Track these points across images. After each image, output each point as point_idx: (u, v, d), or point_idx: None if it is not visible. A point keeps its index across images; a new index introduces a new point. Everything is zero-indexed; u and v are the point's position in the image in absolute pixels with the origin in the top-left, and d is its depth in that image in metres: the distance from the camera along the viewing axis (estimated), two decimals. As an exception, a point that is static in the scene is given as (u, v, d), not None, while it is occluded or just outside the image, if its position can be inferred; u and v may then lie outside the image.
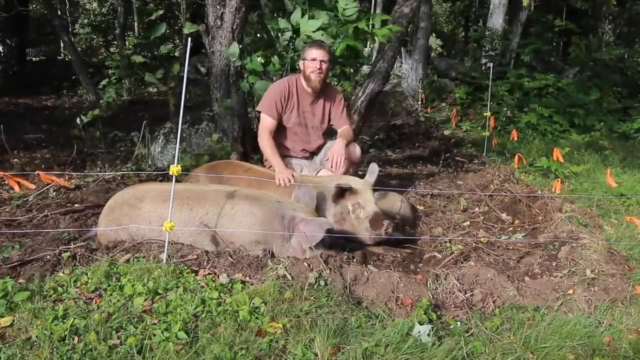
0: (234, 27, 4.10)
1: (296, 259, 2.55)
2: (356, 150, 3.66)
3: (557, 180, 4.27)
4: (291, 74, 3.71)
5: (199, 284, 2.31)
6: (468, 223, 3.60)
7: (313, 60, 3.38)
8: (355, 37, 3.85)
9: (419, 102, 9.21)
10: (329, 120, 3.63)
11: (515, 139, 6.25)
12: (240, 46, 3.96)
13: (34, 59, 15.35)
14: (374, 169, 3.25)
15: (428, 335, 2.09)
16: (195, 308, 2.14)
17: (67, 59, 12.69)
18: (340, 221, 3.05)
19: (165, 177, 3.76)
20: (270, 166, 3.63)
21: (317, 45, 3.44)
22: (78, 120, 4.64)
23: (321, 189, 3.06)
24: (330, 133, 3.76)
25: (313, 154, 3.69)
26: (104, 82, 8.53)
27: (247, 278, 2.42)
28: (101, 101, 8.18)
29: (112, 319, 2.05)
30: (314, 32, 3.77)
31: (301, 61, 3.47)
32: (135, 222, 2.70)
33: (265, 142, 3.42)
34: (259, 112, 3.56)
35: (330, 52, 3.52)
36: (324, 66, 3.40)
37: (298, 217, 2.69)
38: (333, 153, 3.37)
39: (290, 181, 3.13)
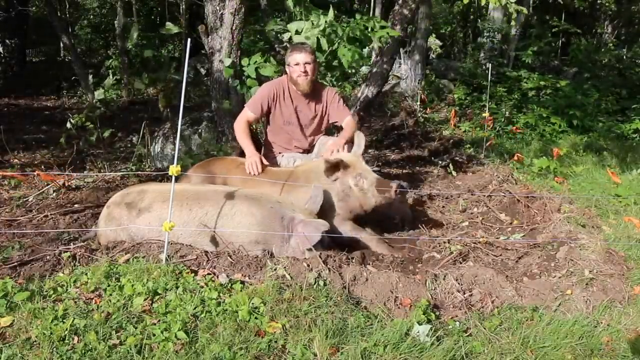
0: (233, 28, 4.11)
1: (295, 259, 2.56)
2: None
3: (557, 179, 4.29)
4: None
5: (198, 284, 2.31)
6: (467, 223, 3.61)
7: (297, 64, 3.37)
8: (355, 42, 3.88)
9: (418, 103, 9.22)
10: (326, 118, 3.62)
11: (517, 130, 6.25)
12: (238, 55, 3.96)
13: (34, 59, 15.34)
14: (360, 140, 3.26)
15: (427, 335, 2.10)
16: (195, 308, 2.15)
17: (67, 60, 12.69)
18: (344, 198, 3.07)
19: (165, 178, 3.77)
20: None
21: (297, 48, 3.43)
22: (68, 124, 4.65)
23: (316, 171, 3.09)
24: (331, 132, 3.77)
25: (308, 151, 3.69)
26: (91, 80, 8.50)
27: (247, 278, 2.42)
28: (94, 100, 8.17)
29: (111, 319, 2.06)
30: (308, 39, 3.80)
31: (286, 67, 3.48)
32: (134, 222, 2.70)
33: (240, 127, 3.49)
34: None
35: (313, 51, 3.51)
36: (309, 67, 3.38)
37: (297, 218, 2.70)
38: (331, 146, 3.36)
39: (258, 166, 3.22)
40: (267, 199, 2.80)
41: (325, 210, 3.00)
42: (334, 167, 3.05)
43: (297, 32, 3.86)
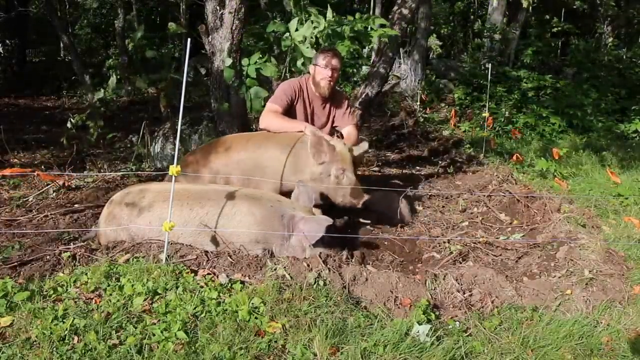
0: (233, 28, 4.10)
1: (295, 259, 2.56)
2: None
3: (557, 179, 4.29)
4: (302, 75, 3.71)
5: (198, 284, 2.32)
6: (467, 223, 3.61)
7: (326, 67, 3.34)
8: (354, 40, 3.88)
9: (418, 103, 9.22)
10: (333, 123, 3.62)
11: (518, 134, 6.29)
12: (238, 55, 3.95)
13: (34, 59, 15.33)
14: (364, 145, 3.35)
15: (427, 335, 2.10)
16: (195, 308, 2.15)
17: (67, 60, 12.69)
18: (316, 180, 3.10)
19: (165, 178, 3.77)
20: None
21: (331, 52, 3.39)
22: (69, 124, 4.65)
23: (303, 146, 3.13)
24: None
25: None
26: (88, 80, 8.50)
27: (247, 278, 2.43)
28: (94, 100, 8.15)
29: (111, 318, 2.06)
30: (300, 42, 3.79)
31: (312, 65, 3.44)
32: (135, 222, 2.70)
33: (274, 117, 3.29)
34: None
35: (342, 60, 3.50)
36: (335, 74, 3.38)
37: (297, 216, 2.70)
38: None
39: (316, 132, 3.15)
40: (267, 198, 2.81)
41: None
42: (319, 143, 3.04)
43: (297, 30, 3.85)
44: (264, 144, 3.21)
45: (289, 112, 3.42)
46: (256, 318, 2.13)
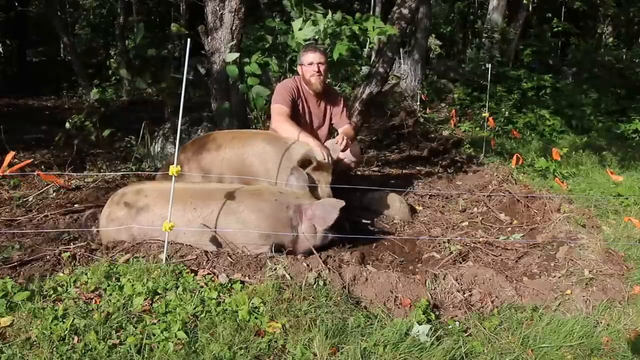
0: (233, 28, 4.10)
1: (295, 259, 2.56)
2: (357, 148, 3.71)
3: (557, 180, 4.29)
4: (294, 75, 3.73)
5: (198, 284, 2.32)
6: (467, 223, 3.61)
7: (310, 64, 3.42)
8: (353, 40, 3.89)
9: (418, 103, 9.22)
10: (330, 121, 3.66)
11: (517, 136, 6.31)
12: (238, 55, 3.95)
13: (34, 59, 15.33)
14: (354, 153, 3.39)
15: (427, 335, 2.10)
16: (195, 308, 2.15)
17: (67, 60, 12.69)
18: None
19: (156, 177, 3.76)
20: None
21: (312, 49, 3.49)
22: (67, 125, 4.65)
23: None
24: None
25: None
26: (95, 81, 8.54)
27: (247, 278, 2.43)
28: (92, 100, 8.13)
29: (111, 318, 2.06)
30: (305, 40, 3.81)
31: (299, 67, 3.52)
32: (136, 221, 2.70)
33: (283, 121, 3.31)
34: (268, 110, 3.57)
35: (326, 53, 3.57)
36: (322, 68, 3.44)
37: (304, 204, 2.72)
38: (338, 138, 3.40)
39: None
40: (269, 191, 2.82)
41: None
42: (307, 162, 3.06)
43: (300, 30, 3.86)
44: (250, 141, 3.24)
45: (293, 110, 3.45)
46: (256, 318, 2.13)
